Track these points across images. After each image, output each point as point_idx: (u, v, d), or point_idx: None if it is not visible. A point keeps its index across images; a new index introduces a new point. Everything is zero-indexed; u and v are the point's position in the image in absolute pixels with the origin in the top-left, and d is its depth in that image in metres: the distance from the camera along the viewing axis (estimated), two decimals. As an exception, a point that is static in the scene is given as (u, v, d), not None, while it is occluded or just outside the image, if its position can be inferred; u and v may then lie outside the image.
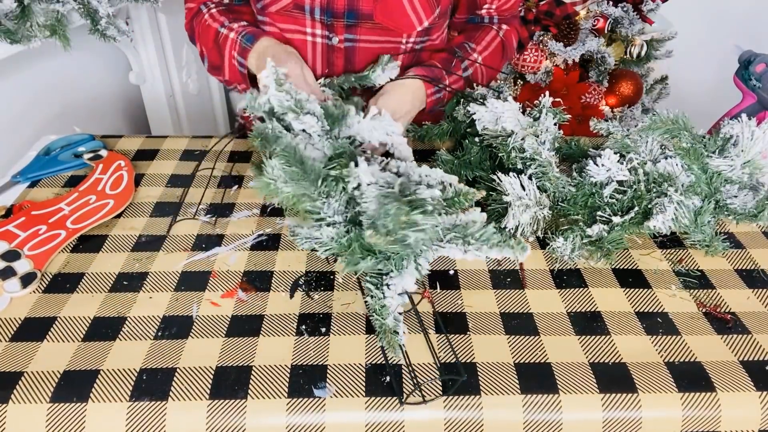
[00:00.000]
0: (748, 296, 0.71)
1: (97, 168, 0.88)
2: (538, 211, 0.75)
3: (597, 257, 0.74)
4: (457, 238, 0.63)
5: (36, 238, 0.74)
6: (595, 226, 0.72)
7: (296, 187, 0.64)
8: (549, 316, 0.67)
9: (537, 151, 0.77)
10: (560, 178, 0.76)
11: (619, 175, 0.74)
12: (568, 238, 0.73)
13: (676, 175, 0.74)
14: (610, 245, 0.72)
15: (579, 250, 0.73)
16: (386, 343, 0.59)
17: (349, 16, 0.89)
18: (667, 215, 0.69)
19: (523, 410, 0.57)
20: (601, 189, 0.75)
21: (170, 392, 0.57)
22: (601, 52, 1.63)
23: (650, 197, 0.72)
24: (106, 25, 1.23)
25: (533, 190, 0.76)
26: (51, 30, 1.13)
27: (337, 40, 0.92)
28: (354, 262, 0.62)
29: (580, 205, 0.76)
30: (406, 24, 0.90)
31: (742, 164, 0.75)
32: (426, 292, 0.65)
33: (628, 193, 0.73)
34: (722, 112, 1.33)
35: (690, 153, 0.75)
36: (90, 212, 0.80)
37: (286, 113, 0.73)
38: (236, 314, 0.66)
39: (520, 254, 0.62)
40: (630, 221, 0.71)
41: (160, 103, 1.69)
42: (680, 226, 0.71)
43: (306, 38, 0.92)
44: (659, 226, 0.70)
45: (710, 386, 0.59)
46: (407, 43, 0.94)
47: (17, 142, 1.20)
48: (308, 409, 0.56)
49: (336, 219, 0.65)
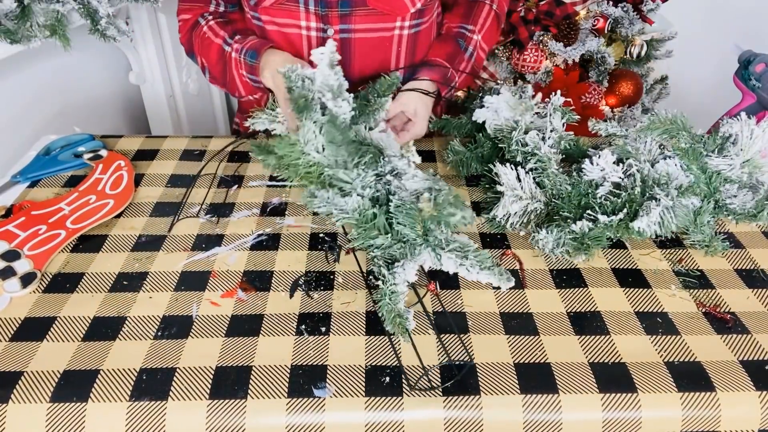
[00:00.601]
0: (747, 296, 0.71)
1: (97, 168, 0.88)
2: (531, 204, 0.76)
3: (578, 254, 0.74)
4: (455, 253, 0.66)
5: (36, 238, 0.74)
6: (580, 222, 0.72)
7: (336, 151, 0.67)
8: (549, 316, 0.67)
9: (537, 145, 0.77)
10: (558, 175, 0.77)
11: (613, 176, 0.74)
12: (552, 232, 0.73)
13: (674, 177, 0.75)
14: (591, 242, 0.72)
15: (562, 247, 0.73)
16: (393, 328, 0.60)
17: (342, 5, 0.89)
18: (651, 217, 0.69)
19: (522, 410, 0.57)
20: (595, 189, 0.75)
21: (170, 392, 0.57)
22: (601, 52, 1.62)
23: (641, 200, 0.72)
24: (106, 25, 1.23)
25: (528, 184, 0.76)
26: (51, 30, 1.13)
27: (332, 32, 0.92)
28: (371, 237, 0.65)
29: (574, 204, 0.76)
30: (399, 6, 0.90)
31: (742, 163, 0.75)
32: (431, 285, 0.65)
33: (622, 196, 0.74)
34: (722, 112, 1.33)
35: (689, 153, 0.75)
36: (90, 212, 0.80)
37: (324, 94, 0.75)
38: (236, 314, 0.66)
39: (504, 283, 0.64)
40: (618, 222, 0.71)
41: (160, 103, 1.69)
42: (666, 231, 0.71)
43: (301, 32, 0.92)
44: (644, 228, 0.70)
45: (710, 386, 0.59)
46: (401, 27, 0.94)
47: (17, 142, 1.20)
48: (308, 409, 0.56)
49: (365, 192, 0.68)
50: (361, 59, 0.95)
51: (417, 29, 0.97)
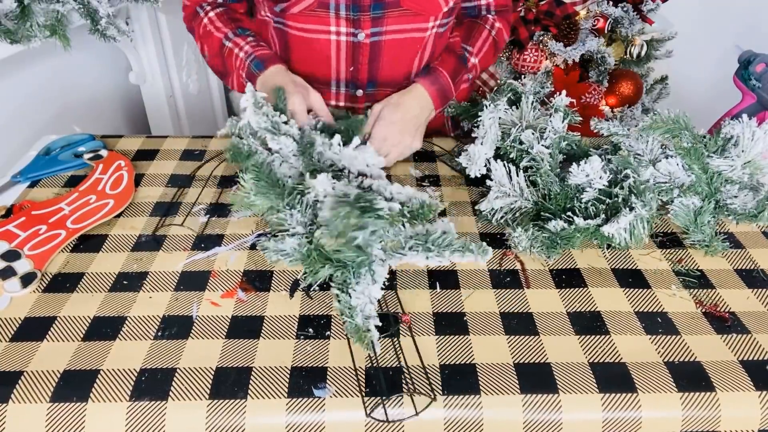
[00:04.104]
0: (747, 296, 0.71)
1: (98, 168, 0.88)
2: (518, 201, 0.76)
3: (550, 253, 0.73)
4: (418, 245, 0.66)
5: (36, 238, 0.74)
6: (554, 221, 0.72)
7: (265, 199, 0.69)
8: (549, 316, 0.67)
9: (531, 144, 0.78)
10: (550, 175, 0.77)
11: (597, 183, 0.74)
12: (527, 230, 0.73)
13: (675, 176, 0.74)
14: (561, 241, 0.72)
15: (537, 247, 0.73)
16: (357, 341, 0.60)
17: (375, 8, 0.88)
18: (621, 224, 0.69)
19: (522, 410, 0.57)
20: (581, 193, 0.75)
21: (170, 392, 0.57)
22: (601, 52, 1.62)
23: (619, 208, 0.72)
24: (106, 25, 1.23)
25: (519, 182, 0.76)
26: (51, 30, 1.13)
27: (363, 36, 0.90)
28: (314, 271, 0.65)
29: (560, 205, 0.76)
30: (433, 5, 0.89)
31: (743, 164, 0.75)
32: (405, 317, 0.66)
33: (606, 202, 0.74)
34: (722, 112, 1.33)
35: (691, 152, 0.75)
36: (90, 212, 0.80)
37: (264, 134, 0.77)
38: (236, 314, 0.66)
39: (482, 257, 0.64)
40: (592, 227, 0.71)
41: (160, 103, 1.69)
42: (637, 241, 0.71)
43: (330, 37, 0.91)
44: (613, 234, 0.70)
45: (710, 386, 0.59)
46: (432, 27, 0.93)
47: (17, 142, 1.20)
48: (308, 409, 0.56)
49: (299, 230, 0.69)
50: (389, 61, 0.94)
51: (443, 29, 0.97)
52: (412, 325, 0.65)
